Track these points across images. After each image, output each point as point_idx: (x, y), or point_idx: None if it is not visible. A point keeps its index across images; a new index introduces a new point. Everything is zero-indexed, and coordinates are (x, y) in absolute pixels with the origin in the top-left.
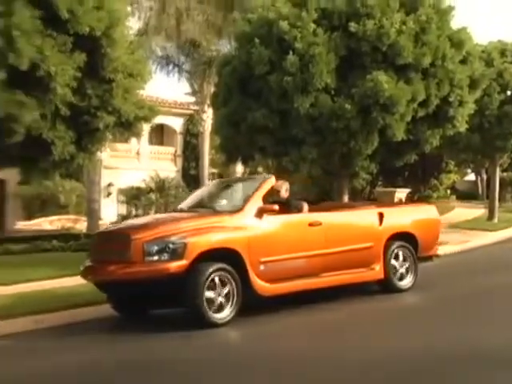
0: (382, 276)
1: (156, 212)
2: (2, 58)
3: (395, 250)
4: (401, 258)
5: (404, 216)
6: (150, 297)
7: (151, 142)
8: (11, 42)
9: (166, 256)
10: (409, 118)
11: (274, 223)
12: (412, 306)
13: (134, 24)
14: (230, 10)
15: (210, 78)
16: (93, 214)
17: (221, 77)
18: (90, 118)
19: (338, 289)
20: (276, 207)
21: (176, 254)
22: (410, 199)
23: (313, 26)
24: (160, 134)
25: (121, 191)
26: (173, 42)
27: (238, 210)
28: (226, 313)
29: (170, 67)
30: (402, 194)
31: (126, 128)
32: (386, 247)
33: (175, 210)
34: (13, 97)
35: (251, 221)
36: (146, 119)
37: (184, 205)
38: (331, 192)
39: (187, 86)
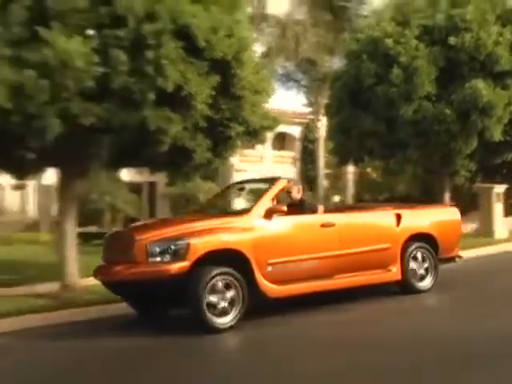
0: (399, 277)
1: None
2: (152, 82)
3: (414, 252)
4: (420, 259)
5: (423, 217)
6: (156, 297)
7: (274, 148)
8: (160, 69)
9: (168, 257)
10: (505, 121)
11: (284, 224)
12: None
13: (258, 48)
14: (340, 31)
15: (324, 91)
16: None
17: (333, 90)
18: (224, 129)
19: (357, 290)
20: (284, 208)
21: (178, 255)
22: (506, 195)
23: (415, 41)
24: (281, 141)
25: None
26: (291, 61)
27: (246, 211)
28: (230, 317)
29: (290, 83)
30: (499, 189)
31: (253, 136)
32: (404, 248)
33: (195, 211)
34: (161, 113)
35: (259, 222)
36: (270, 128)
37: (204, 206)
38: (434, 189)
39: (304, 98)
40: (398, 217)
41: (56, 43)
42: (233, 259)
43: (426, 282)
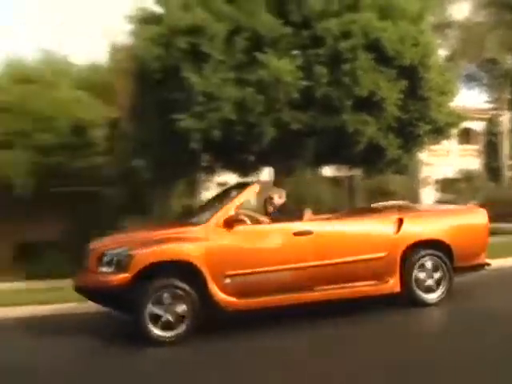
0: (397, 289)
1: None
2: (349, 91)
3: (421, 260)
4: (429, 268)
5: (433, 222)
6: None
7: (459, 142)
8: (355, 79)
9: (112, 268)
10: None
11: (246, 234)
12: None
13: (443, 52)
14: None
15: (506, 88)
16: (414, 200)
17: None
18: (413, 128)
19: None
20: (244, 218)
21: (120, 266)
22: None
23: None
24: (466, 135)
25: (437, 182)
26: (474, 62)
27: (205, 220)
28: (178, 330)
29: (472, 82)
30: None
31: (440, 133)
32: (407, 257)
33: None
34: (358, 117)
35: (216, 232)
36: (455, 125)
37: (194, 212)
38: None
39: (486, 95)
40: (399, 222)
41: (270, 64)
42: (184, 271)
43: (436, 294)
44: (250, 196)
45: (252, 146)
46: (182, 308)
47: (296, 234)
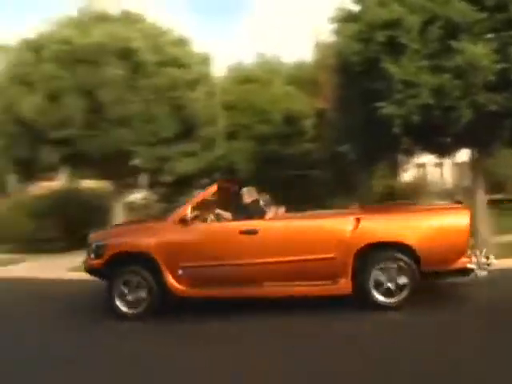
0: (348, 291)
1: None
2: None
3: (380, 262)
4: (389, 271)
5: (397, 223)
6: None
7: None
8: None
9: (93, 255)
10: None
11: (198, 231)
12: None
13: None
14: None
15: None
16: None
17: None
18: None
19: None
20: (188, 216)
21: (97, 253)
22: None
23: None
24: None
25: None
26: None
27: (167, 217)
28: (141, 308)
29: None
30: None
31: None
32: (364, 258)
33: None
34: None
35: (174, 228)
36: None
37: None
38: None
39: None
40: (356, 222)
41: (466, 50)
42: (145, 260)
43: (396, 298)
44: (207, 196)
45: (449, 129)
46: (142, 292)
47: (242, 232)
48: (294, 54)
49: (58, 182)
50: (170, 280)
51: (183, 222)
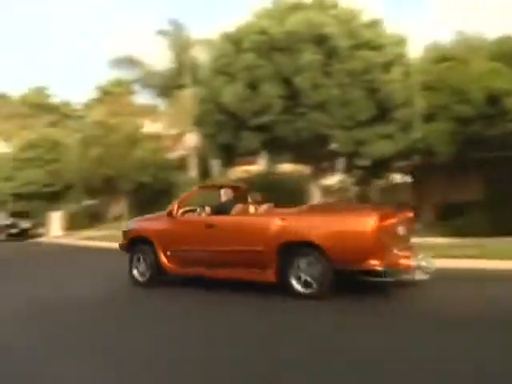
0: (273, 280)
1: None
2: None
3: (297, 258)
4: (304, 266)
5: (312, 224)
6: None
7: None
8: None
9: (123, 237)
10: None
11: (180, 223)
12: None
13: None
14: None
15: None
16: None
17: None
18: None
19: None
20: (174, 211)
21: (125, 236)
22: None
23: None
24: None
25: None
26: None
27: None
28: (145, 278)
29: None
30: None
31: None
32: (284, 253)
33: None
34: None
35: (165, 219)
36: None
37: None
38: None
39: None
40: (281, 222)
41: None
42: (149, 243)
43: (311, 289)
44: (190, 197)
45: None
46: (146, 266)
47: (206, 226)
48: (497, 28)
49: (257, 167)
50: (163, 259)
51: (170, 215)
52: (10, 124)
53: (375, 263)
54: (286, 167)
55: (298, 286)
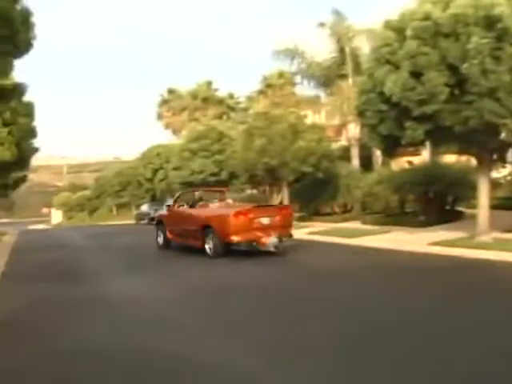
0: (201, 247)
1: None
2: None
3: (207, 234)
4: (209, 239)
5: (210, 215)
6: None
7: None
8: None
9: (154, 220)
10: None
11: (174, 212)
12: None
13: None
14: None
15: None
16: None
17: None
18: None
19: None
20: (171, 205)
21: (154, 219)
22: None
23: None
24: None
25: None
26: None
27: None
28: (162, 244)
29: None
30: None
31: None
32: (203, 232)
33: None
34: None
35: (169, 210)
36: None
37: None
38: None
39: None
40: (203, 213)
41: None
42: (163, 224)
43: (212, 253)
44: (182, 197)
45: None
46: (162, 236)
47: (181, 214)
48: None
49: (421, 157)
50: (167, 233)
51: (168, 207)
52: (180, 117)
53: (235, 238)
54: (451, 158)
55: (208, 251)
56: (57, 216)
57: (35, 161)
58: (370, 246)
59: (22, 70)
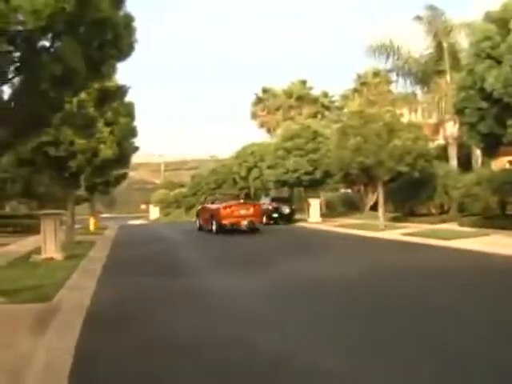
0: (212, 229)
1: None
2: None
3: (213, 220)
4: (214, 223)
5: (216, 208)
6: None
7: None
8: None
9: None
10: None
11: (203, 208)
12: None
13: None
14: None
15: None
16: None
17: None
18: None
19: None
20: (202, 203)
21: (197, 213)
22: None
23: None
24: None
25: None
26: None
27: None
28: (198, 226)
29: None
30: None
31: None
32: (212, 219)
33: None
34: None
35: (201, 207)
36: None
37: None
38: None
39: None
40: (214, 207)
41: None
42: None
43: (215, 231)
44: (210, 199)
45: None
46: (198, 223)
47: (206, 209)
48: None
49: None
50: (200, 221)
51: (201, 203)
52: (274, 116)
53: (224, 222)
54: None
55: (214, 230)
56: (154, 212)
57: (135, 159)
58: (469, 248)
59: (124, 72)
